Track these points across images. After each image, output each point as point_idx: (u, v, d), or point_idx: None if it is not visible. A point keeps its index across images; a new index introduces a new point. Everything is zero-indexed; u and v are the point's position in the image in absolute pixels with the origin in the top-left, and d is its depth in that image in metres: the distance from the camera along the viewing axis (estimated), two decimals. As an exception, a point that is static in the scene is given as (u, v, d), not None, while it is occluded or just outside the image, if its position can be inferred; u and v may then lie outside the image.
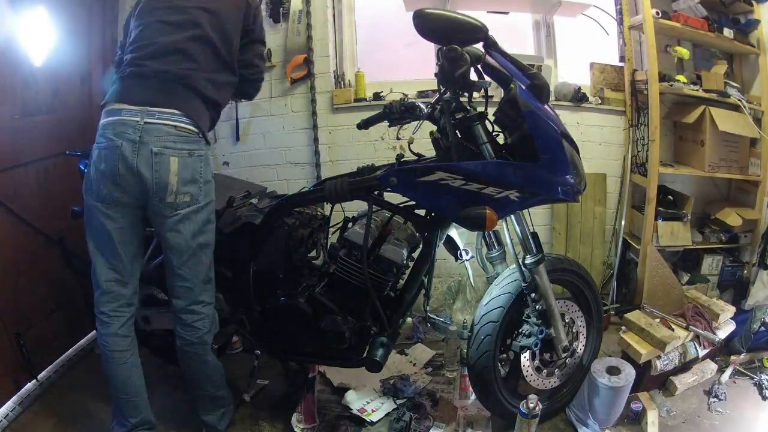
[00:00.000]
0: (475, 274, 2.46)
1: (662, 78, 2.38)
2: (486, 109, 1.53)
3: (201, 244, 1.52)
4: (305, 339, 1.72)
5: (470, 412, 1.87)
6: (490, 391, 1.69)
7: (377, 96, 2.61)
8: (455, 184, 1.40)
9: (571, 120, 2.55)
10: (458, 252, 1.77)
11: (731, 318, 2.10)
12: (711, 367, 2.06)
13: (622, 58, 2.62)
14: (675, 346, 1.92)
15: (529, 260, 1.60)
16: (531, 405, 1.59)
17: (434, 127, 1.60)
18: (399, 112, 1.70)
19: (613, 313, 2.51)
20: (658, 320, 1.99)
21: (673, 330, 1.93)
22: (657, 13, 2.28)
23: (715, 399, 1.94)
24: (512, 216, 1.58)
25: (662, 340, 1.86)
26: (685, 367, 2.00)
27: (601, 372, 1.74)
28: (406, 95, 2.19)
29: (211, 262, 1.59)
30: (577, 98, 2.54)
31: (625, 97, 2.59)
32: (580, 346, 1.84)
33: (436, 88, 1.51)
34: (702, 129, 2.38)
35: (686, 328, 1.97)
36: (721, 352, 2.18)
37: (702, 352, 1.99)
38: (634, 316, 2.04)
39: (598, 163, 2.65)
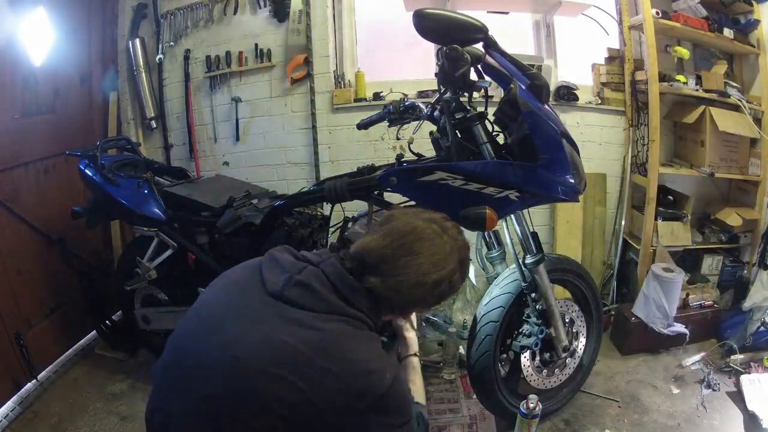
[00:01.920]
0: (475, 274, 2.46)
1: (662, 78, 2.38)
2: (486, 109, 1.53)
3: None
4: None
5: (473, 412, 1.87)
6: (490, 391, 1.69)
7: (377, 96, 2.61)
8: (455, 184, 1.40)
9: (571, 120, 2.55)
10: None
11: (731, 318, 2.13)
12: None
13: (621, 59, 2.61)
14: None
15: (529, 260, 1.60)
16: (531, 405, 1.58)
17: (434, 127, 1.59)
18: (399, 112, 1.70)
19: (613, 313, 2.51)
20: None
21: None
22: (657, 13, 2.28)
23: (709, 390, 1.98)
24: (512, 216, 1.59)
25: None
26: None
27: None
28: (406, 95, 2.19)
29: None
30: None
31: (625, 97, 2.59)
32: (580, 346, 1.85)
33: (436, 88, 1.51)
34: (702, 129, 2.38)
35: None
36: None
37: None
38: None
39: (598, 163, 2.65)
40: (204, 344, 0.87)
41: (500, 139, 1.56)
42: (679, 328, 2.22)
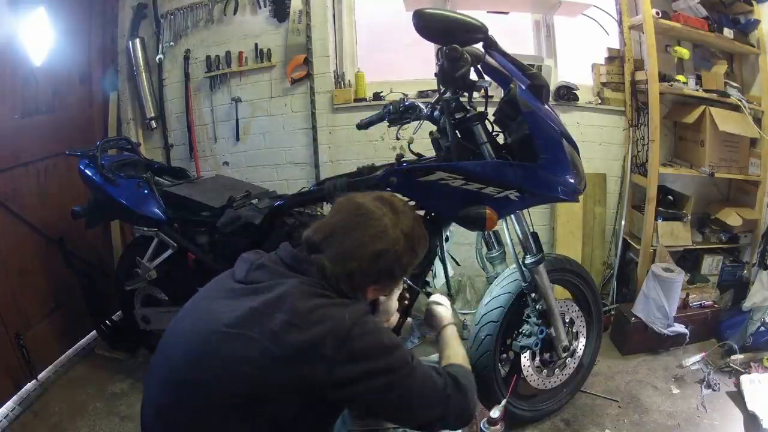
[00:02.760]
0: (476, 274, 2.47)
1: (662, 78, 2.37)
2: (486, 109, 1.53)
3: None
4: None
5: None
6: (491, 391, 1.69)
7: (377, 96, 2.61)
8: (455, 184, 1.40)
9: (571, 120, 2.55)
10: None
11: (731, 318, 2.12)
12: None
13: (621, 59, 2.61)
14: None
15: (529, 260, 1.60)
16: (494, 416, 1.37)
17: (434, 127, 1.59)
18: (399, 112, 1.70)
19: (613, 313, 2.51)
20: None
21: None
22: (657, 13, 2.28)
23: (709, 390, 1.99)
24: (512, 216, 1.58)
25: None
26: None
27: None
28: (406, 95, 2.19)
29: None
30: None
31: (625, 97, 2.59)
32: (580, 346, 1.84)
33: (436, 88, 1.51)
34: (702, 129, 2.38)
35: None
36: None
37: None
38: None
39: (598, 163, 2.64)
40: (177, 329, 0.96)
41: (500, 139, 1.56)
42: (679, 328, 2.22)
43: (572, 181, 1.45)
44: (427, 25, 1.35)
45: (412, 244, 1.02)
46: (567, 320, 1.77)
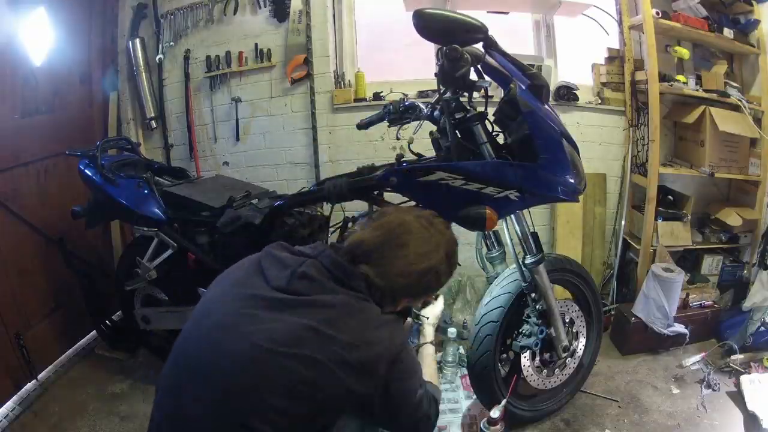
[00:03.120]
0: (476, 274, 2.46)
1: (662, 78, 2.38)
2: (486, 109, 1.53)
3: None
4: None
5: (473, 412, 1.86)
6: (491, 391, 1.69)
7: (377, 96, 2.61)
8: (455, 184, 1.40)
9: (571, 120, 2.55)
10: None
11: (731, 318, 2.11)
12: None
13: (621, 59, 2.61)
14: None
15: (529, 260, 1.60)
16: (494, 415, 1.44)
17: (434, 127, 1.59)
18: (399, 112, 1.70)
19: (613, 313, 2.51)
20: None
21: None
22: (657, 13, 2.28)
23: (709, 390, 1.99)
24: (512, 216, 1.58)
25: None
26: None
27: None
28: (406, 95, 2.19)
29: None
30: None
31: (625, 97, 2.59)
32: (580, 346, 1.84)
33: (436, 88, 1.51)
34: (702, 129, 2.38)
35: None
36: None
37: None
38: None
39: (598, 163, 2.64)
40: (219, 342, 0.89)
41: (500, 139, 1.56)
42: (679, 328, 2.22)
43: (572, 181, 1.45)
44: (427, 25, 1.35)
45: (451, 263, 1.09)
46: (567, 320, 1.77)
